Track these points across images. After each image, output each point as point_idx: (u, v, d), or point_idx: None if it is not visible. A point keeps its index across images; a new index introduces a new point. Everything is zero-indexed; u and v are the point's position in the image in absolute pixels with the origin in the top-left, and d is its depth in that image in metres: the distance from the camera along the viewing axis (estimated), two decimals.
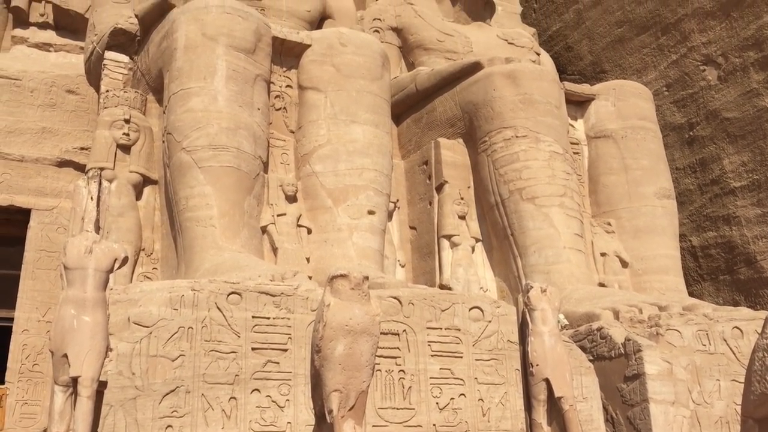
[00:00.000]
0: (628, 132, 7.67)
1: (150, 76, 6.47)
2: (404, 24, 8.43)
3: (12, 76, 7.60)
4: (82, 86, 7.77)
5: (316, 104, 6.48)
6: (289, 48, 6.64)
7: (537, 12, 10.86)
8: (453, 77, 7.37)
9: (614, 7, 9.54)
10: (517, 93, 6.91)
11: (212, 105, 5.75)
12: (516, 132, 6.81)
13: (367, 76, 6.57)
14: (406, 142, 7.80)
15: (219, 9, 6.05)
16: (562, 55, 10.25)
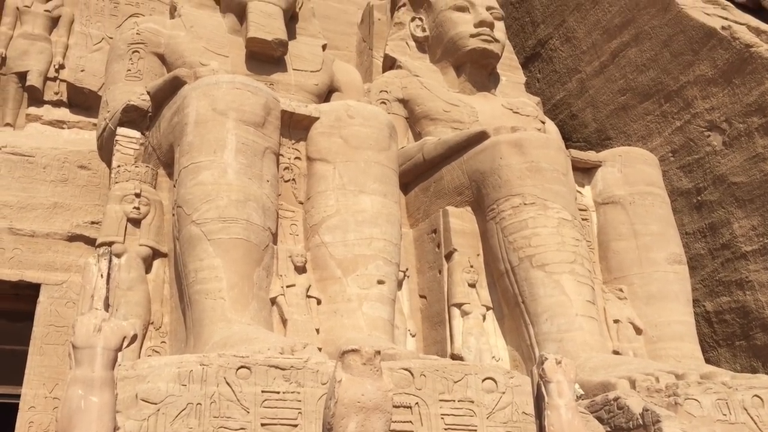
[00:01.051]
0: (636, 198, 7.68)
1: (161, 150, 6.57)
2: (410, 95, 8.57)
3: (25, 153, 7.74)
4: (94, 162, 7.90)
5: (325, 175, 6.53)
6: (298, 121, 6.74)
7: (541, 81, 11.06)
8: (460, 147, 7.45)
9: (616, 75, 9.72)
10: (524, 161, 6.96)
11: (222, 178, 5.80)
12: (524, 199, 6.82)
13: (375, 146, 6.65)
14: (415, 211, 7.82)
15: (229, 84, 6.18)
16: (567, 123, 10.38)
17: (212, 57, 7.56)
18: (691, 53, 8.69)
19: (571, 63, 10.47)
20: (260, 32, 7.72)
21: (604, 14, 9.90)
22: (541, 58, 11.05)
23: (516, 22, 11.46)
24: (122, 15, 9.51)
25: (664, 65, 9.03)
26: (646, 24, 9.25)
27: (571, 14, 10.44)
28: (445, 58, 8.95)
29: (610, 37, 9.81)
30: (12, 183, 7.60)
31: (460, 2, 8.84)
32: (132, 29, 7.76)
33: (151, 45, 7.66)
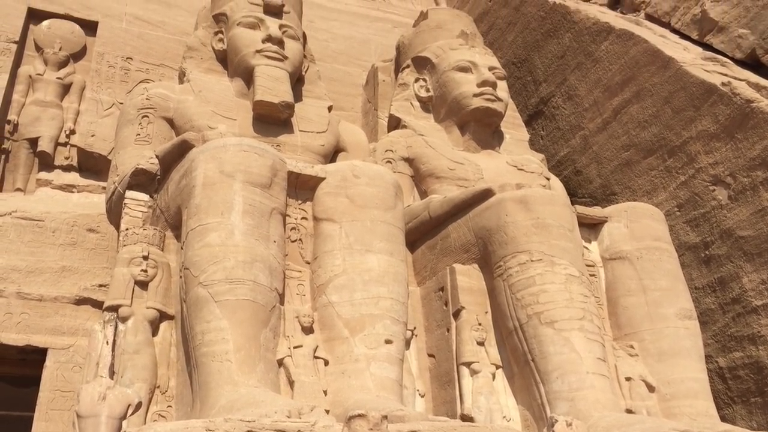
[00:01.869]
0: (643, 253, 7.65)
1: (169, 213, 6.62)
2: (416, 154, 8.64)
3: (35, 218, 7.82)
4: (102, 225, 7.96)
5: (332, 235, 6.55)
6: (304, 181, 6.80)
7: (544, 138, 11.17)
8: (465, 204, 7.47)
9: (619, 132, 9.81)
10: (530, 217, 6.96)
11: (229, 239, 5.82)
12: (531, 256, 6.80)
13: (381, 206, 6.68)
14: (422, 269, 7.80)
15: (236, 147, 6.26)
16: (571, 179, 10.43)
17: (220, 120, 7.68)
18: (692, 109, 8.78)
19: (573, 120, 10.58)
20: (267, 95, 7.86)
21: (604, 72, 10.06)
22: (544, 115, 11.19)
23: (518, 81, 11.65)
24: (132, 81, 9.75)
25: (666, 121, 9.12)
26: (647, 81, 9.38)
27: (572, 73, 10.62)
28: (449, 118, 9.06)
29: (612, 94, 9.95)
30: (21, 247, 7.66)
31: (462, 63, 9.00)
32: (142, 95, 7.92)
33: (161, 110, 7.80)
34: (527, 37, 11.53)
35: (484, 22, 12.45)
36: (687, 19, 10.21)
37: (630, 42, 9.65)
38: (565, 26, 10.77)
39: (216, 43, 8.62)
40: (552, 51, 11.00)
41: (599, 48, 10.12)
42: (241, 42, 8.28)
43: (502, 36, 12.09)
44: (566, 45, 10.71)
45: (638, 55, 9.50)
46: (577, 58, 10.52)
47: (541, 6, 11.27)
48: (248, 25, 8.35)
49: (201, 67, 8.48)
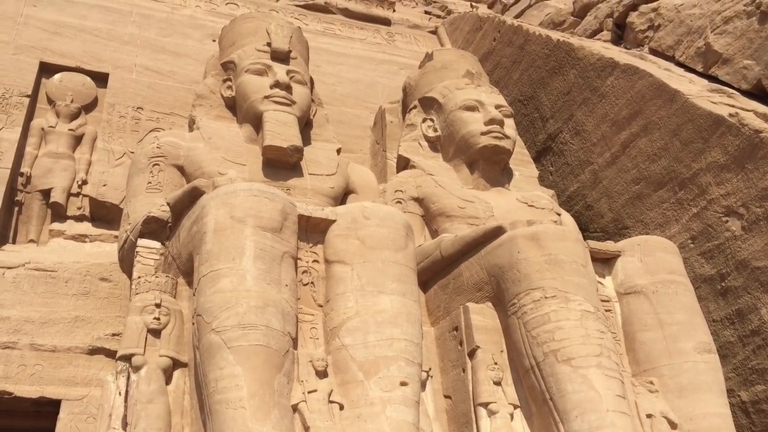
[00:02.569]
0: (658, 287, 7.57)
1: (181, 260, 6.63)
2: (425, 193, 8.66)
3: (48, 268, 7.85)
4: (115, 273, 7.98)
5: (343, 277, 6.52)
6: (315, 224, 6.80)
7: (554, 174, 11.17)
8: (477, 242, 7.44)
9: (629, 165, 9.80)
10: (542, 254, 6.92)
11: (241, 284, 5.81)
12: (545, 293, 6.74)
13: (392, 246, 6.66)
14: (435, 309, 7.75)
15: (246, 192, 6.29)
16: (582, 214, 10.40)
17: (230, 166, 7.74)
18: (701, 141, 8.78)
19: (582, 155, 10.60)
20: (276, 140, 7.93)
21: (611, 107, 10.10)
22: (553, 151, 11.22)
23: (525, 118, 11.72)
24: (143, 130, 9.87)
25: (675, 154, 9.11)
26: (654, 115, 9.41)
27: (579, 108, 10.67)
28: (457, 156, 9.10)
29: (619, 128, 9.97)
30: (35, 299, 7.68)
31: (469, 102, 9.07)
32: (152, 143, 8.01)
33: (171, 157, 7.88)
34: (533, 75, 11.63)
35: (489, 61, 12.59)
36: (691, 52, 10.29)
37: (635, 76, 9.71)
38: (569, 63, 10.86)
39: (225, 90, 8.74)
40: (558, 87, 11.08)
41: (605, 83, 10.19)
42: (250, 88, 8.39)
43: (508, 74, 12.20)
44: (572, 81, 10.79)
45: (644, 89, 9.55)
46: (583, 93, 10.58)
47: (545, 44, 11.39)
48: (256, 71, 8.47)
49: (210, 114, 8.58)
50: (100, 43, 10.97)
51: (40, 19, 10.88)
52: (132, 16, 11.75)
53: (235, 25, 9.29)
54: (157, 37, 11.53)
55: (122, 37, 11.24)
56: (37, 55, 10.31)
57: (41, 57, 10.32)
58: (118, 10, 11.74)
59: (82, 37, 10.92)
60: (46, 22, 10.90)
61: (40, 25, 10.80)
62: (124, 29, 11.39)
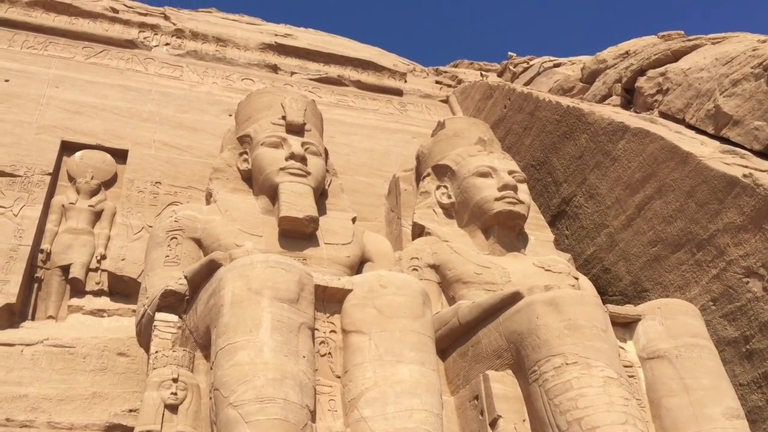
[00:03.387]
0: (682, 351, 7.42)
1: (198, 333, 6.62)
2: (441, 260, 8.65)
3: (66, 345, 7.86)
4: (132, 348, 7.97)
5: (361, 347, 6.47)
6: (332, 294, 6.80)
7: (569, 238, 11.15)
8: (494, 309, 7.38)
9: (644, 228, 9.77)
10: (561, 319, 6.85)
11: (258, 357, 5.78)
12: (566, 359, 6.63)
13: (409, 315, 6.63)
14: (454, 377, 7.64)
15: (263, 264, 6.32)
16: (600, 277, 10.32)
17: (247, 237, 7.80)
18: (716, 202, 8.77)
19: (597, 218, 10.60)
20: (292, 210, 8.00)
21: (624, 170, 10.15)
22: (567, 215, 11.22)
23: (538, 182, 11.78)
24: (161, 204, 10.00)
25: (691, 215, 9.09)
26: (667, 177, 9.44)
27: (592, 172, 10.73)
28: (472, 222, 9.12)
29: (633, 191, 9.99)
30: (52, 375, 7.66)
31: (482, 169, 9.16)
32: (170, 217, 8.11)
33: (189, 231, 7.96)
34: (544, 140, 11.74)
35: (500, 127, 12.75)
36: (701, 115, 10.38)
37: (646, 139, 9.79)
38: (580, 128, 10.98)
39: (241, 163, 8.90)
40: (570, 152, 11.17)
41: (616, 147, 10.26)
42: (265, 161, 8.53)
43: (519, 140, 12.33)
44: (583, 146, 10.88)
45: (656, 152, 9.61)
46: (595, 157, 10.65)
47: (555, 110, 11.55)
48: (272, 144, 8.64)
49: (227, 187, 8.70)
50: (120, 120, 11.26)
51: (62, 100, 11.22)
52: (151, 94, 12.08)
53: (251, 99, 9.52)
54: (176, 114, 11.82)
55: (141, 115, 11.53)
56: (58, 135, 10.57)
57: (63, 136, 10.58)
58: (138, 88, 12.09)
59: (103, 115, 11.21)
60: (68, 102, 11.23)
61: (62, 105, 11.13)
62: (143, 107, 11.69)
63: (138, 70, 12.61)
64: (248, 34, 15.15)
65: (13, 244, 8.96)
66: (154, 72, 12.72)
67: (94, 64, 12.34)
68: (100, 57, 12.58)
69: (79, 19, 13.33)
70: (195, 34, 14.21)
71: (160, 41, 13.71)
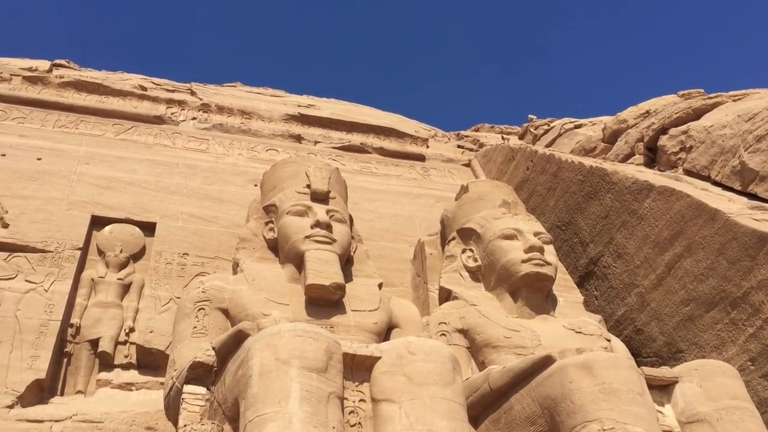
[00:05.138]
0: (722, 414, 7.18)
1: (226, 405, 6.56)
2: (469, 325, 8.55)
3: (95, 420, 7.82)
4: (161, 422, 7.89)
5: (391, 416, 6.35)
6: (360, 362, 6.72)
7: (599, 299, 10.99)
8: (526, 373, 7.24)
9: (676, 287, 9.61)
10: (595, 383, 6.68)
11: (287, 429, 5.69)
12: (602, 425, 6.43)
13: (439, 381, 6.52)
14: None
15: (291, 333, 6.30)
16: (633, 338, 10.11)
17: (274, 306, 7.80)
18: (748, 259, 8.62)
19: (627, 278, 10.45)
20: (318, 278, 8.02)
21: (651, 229, 10.06)
22: (596, 275, 11.09)
23: (565, 243, 11.70)
24: (189, 275, 10.06)
25: (722, 273, 8.94)
26: (696, 234, 9.33)
27: (618, 231, 10.65)
28: (499, 285, 9.05)
29: (662, 249, 9.87)
30: None
31: (507, 231, 9.14)
32: (197, 288, 8.15)
33: (216, 301, 7.98)
34: (568, 201, 11.72)
35: (524, 189, 12.78)
36: (727, 171, 10.33)
37: (672, 197, 9.73)
38: (604, 187, 10.96)
39: (267, 232, 8.98)
40: (595, 212, 11.12)
41: (642, 206, 10.21)
42: (291, 229, 8.60)
43: (544, 201, 12.32)
44: (608, 205, 10.84)
45: (683, 210, 9.53)
46: (621, 216, 10.59)
47: (579, 170, 11.57)
48: (297, 213, 8.73)
49: (253, 256, 8.76)
50: (149, 194, 11.46)
51: (92, 176, 11.47)
52: (178, 167, 12.32)
53: (276, 169, 9.67)
54: (202, 186, 12.02)
55: (169, 188, 11.74)
56: (89, 209, 10.77)
57: (93, 211, 10.77)
58: (166, 162, 12.35)
59: (132, 189, 11.44)
60: (98, 177, 11.48)
61: (92, 181, 11.37)
62: (171, 180, 11.91)
63: (166, 145, 12.92)
64: (272, 105, 15.51)
65: (43, 319, 9.04)
66: (181, 146, 13.03)
67: (123, 140, 12.68)
68: (129, 133, 12.93)
69: (109, 97, 13.80)
70: (221, 108, 14.59)
71: (187, 116, 14.08)
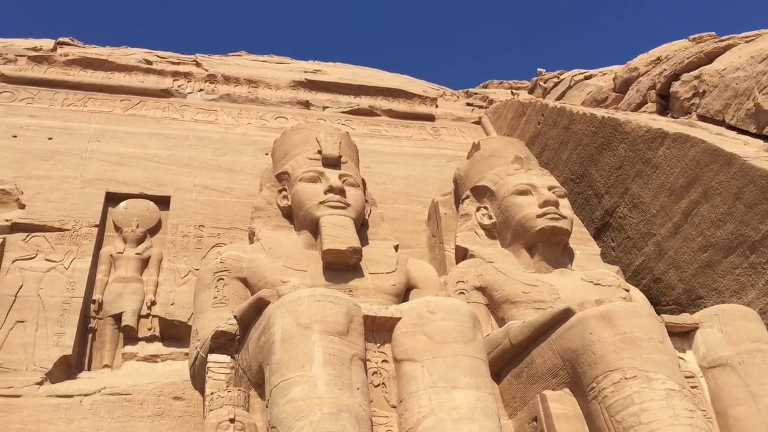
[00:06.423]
0: (744, 357, 7.19)
1: (251, 372, 6.65)
2: (487, 282, 8.57)
3: (123, 392, 7.96)
4: (187, 391, 8.02)
5: (414, 375, 6.42)
6: (381, 323, 6.78)
7: (616, 250, 10.96)
8: (546, 327, 7.27)
9: (693, 234, 9.56)
10: (616, 333, 6.71)
11: (313, 392, 5.77)
12: (624, 374, 6.47)
13: (460, 339, 6.57)
14: (511, 400, 7.52)
15: (310, 298, 6.35)
16: (652, 287, 10.11)
17: (292, 273, 7.85)
18: (766, 202, 8.55)
19: (643, 228, 10.41)
20: (334, 243, 8.05)
21: (666, 177, 9.98)
22: (612, 227, 11.05)
23: (579, 196, 11.65)
24: (205, 247, 10.14)
25: (740, 217, 8.87)
26: (712, 180, 9.25)
27: (633, 181, 10.57)
28: (515, 241, 9.04)
29: (678, 197, 9.80)
30: (111, 423, 7.74)
31: (521, 187, 9.09)
32: (215, 259, 8.21)
33: (234, 271, 8.04)
34: (581, 153, 11.63)
35: (536, 144, 12.68)
36: (741, 115, 10.18)
37: (687, 144, 9.62)
38: (617, 138, 10.85)
39: (281, 200, 9.00)
40: (609, 163, 11.04)
41: (656, 154, 10.11)
42: (305, 196, 8.62)
43: (556, 155, 12.24)
44: (622, 155, 10.74)
45: (698, 156, 9.44)
46: (635, 166, 10.50)
47: (591, 122, 11.45)
48: (309, 179, 8.73)
49: (269, 224, 8.80)
50: (161, 168, 11.50)
51: (104, 153, 11.51)
52: (189, 140, 12.32)
53: (286, 137, 9.65)
54: (213, 157, 12.03)
55: (181, 161, 11.76)
56: (102, 186, 10.83)
57: (107, 187, 10.83)
58: (176, 135, 12.36)
59: (144, 164, 11.47)
60: (110, 154, 11.52)
61: (104, 157, 11.42)
62: (182, 153, 11.93)
63: (174, 118, 12.91)
64: (278, 73, 15.41)
65: (66, 296, 9.16)
66: (190, 118, 13.01)
67: (132, 116, 12.68)
68: (137, 108, 12.93)
69: (115, 73, 13.76)
70: (227, 78, 14.52)
71: (193, 88, 14.04)
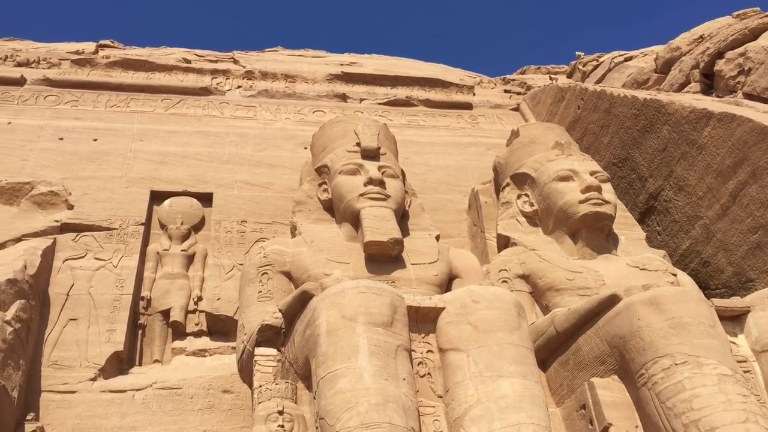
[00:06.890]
0: None
1: (297, 364, 6.73)
2: (531, 269, 8.51)
3: (174, 386, 8.14)
4: (236, 384, 8.16)
5: (460, 365, 6.42)
6: (424, 314, 6.78)
7: (662, 234, 10.77)
8: (592, 314, 7.20)
9: (742, 215, 9.33)
10: (664, 318, 6.60)
11: (359, 383, 5.82)
12: (674, 359, 6.37)
13: (505, 328, 6.54)
14: (558, 388, 7.46)
15: (354, 290, 6.38)
16: (700, 271, 9.91)
17: (334, 266, 7.91)
18: None
19: (689, 210, 10.20)
20: (376, 235, 8.08)
21: (713, 158, 9.75)
22: (657, 210, 10.86)
23: (622, 180, 11.46)
24: (248, 242, 10.28)
25: None
26: (761, 159, 9.01)
27: (678, 164, 10.36)
28: (558, 228, 8.95)
29: (725, 178, 9.58)
30: (163, 417, 7.92)
31: (563, 172, 8.99)
32: (259, 253, 8.32)
33: (278, 265, 8.14)
34: (623, 137, 11.44)
35: (576, 129, 12.51)
36: None
37: (733, 123, 9.39)
38: (660, 119, 10.64)
39: (321, 193, 9.06)
40: (652, 145, 10.83)
41: (701, 135, 9.89)
42: (345, 188, 8.66)
43: (597, 140, 12.05)
44: (666, 137, 10.53)
45: (745, 135, 9.20)
46: (680, 148, 10.29)
47: (632, 104, 11.24)
48: (349, 171, 8.77)
49: (310, 218, 8.87)
50: (203, 165, 11.67)
51: (147, 152, 11.73)
52: (229, 137, 12.47)
53: (325, 130, 9.70)
54: (254, 153, 12.16)
55: (222, 158, 11.92)
56: (147, 185, 11.04)
57: (151, 186, 11.04)
58: (216, 132, 12.53)
59: (186, 162, 11.65)
60: (153, 153, 11.73)
61: (147, 157, 11.63)
62: (223, 150, 12.09)
63: (214, 115, 13.08)
64: (315, 67, 15.48)
65: (115, 294, 9.38)
66: (229, 115, 13.17)
67: (173, 114, 12.89)
68: (178, 107, 13.13)
69: (155, 73, 14.00)
70: (264, 74, 14.65)
71: (232, 85, 14.20)
